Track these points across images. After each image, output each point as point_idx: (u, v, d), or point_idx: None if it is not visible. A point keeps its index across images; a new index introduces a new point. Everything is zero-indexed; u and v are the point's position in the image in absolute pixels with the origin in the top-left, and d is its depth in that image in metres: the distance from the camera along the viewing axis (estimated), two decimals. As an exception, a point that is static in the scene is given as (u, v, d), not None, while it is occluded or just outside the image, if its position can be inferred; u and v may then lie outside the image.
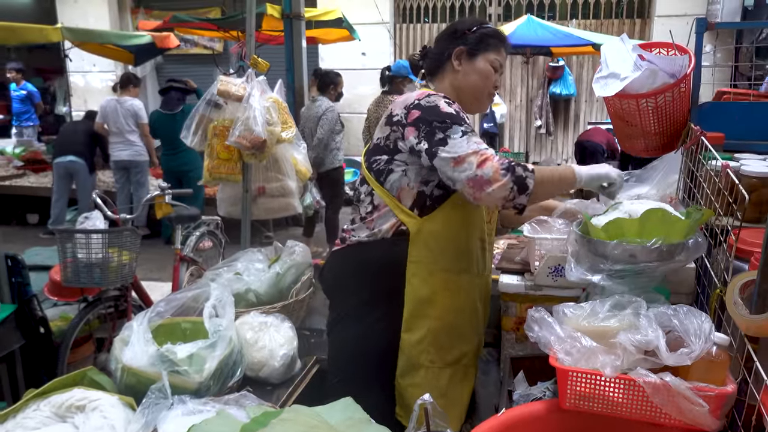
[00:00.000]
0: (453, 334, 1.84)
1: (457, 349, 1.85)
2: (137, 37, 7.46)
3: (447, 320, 1.82)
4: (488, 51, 1.84)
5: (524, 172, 1.63)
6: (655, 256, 1.46)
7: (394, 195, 1.77)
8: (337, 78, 5.85)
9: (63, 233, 2.96)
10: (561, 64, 9.43)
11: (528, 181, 1.62)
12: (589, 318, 1.41)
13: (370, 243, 1.81)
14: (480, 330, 1.95)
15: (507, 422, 1.41)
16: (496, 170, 1.61)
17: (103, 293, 3.16)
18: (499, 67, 1.87)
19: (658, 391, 1.25)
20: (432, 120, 1.69)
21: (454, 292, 1.82)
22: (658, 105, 1.89)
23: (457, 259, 1.81)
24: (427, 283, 1.79)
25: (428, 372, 1.82)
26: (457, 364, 1.86)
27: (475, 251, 1.86)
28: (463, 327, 1.86)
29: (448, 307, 1.81)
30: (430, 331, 1.80)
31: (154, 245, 6.47)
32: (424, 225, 1.76)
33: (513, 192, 1.61)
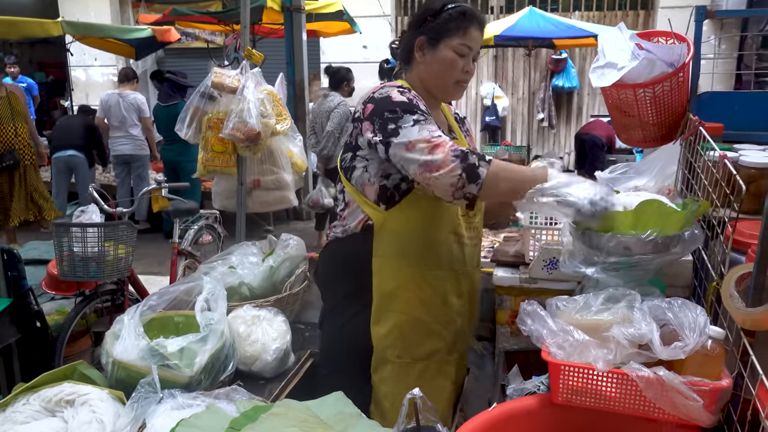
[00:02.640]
0: (420, 330, 1.80)
1: (426, 345, 1.81)
2: (138, 30, 7.45)
3: (413, 315, 1.78)
4: (451, 37, 1.73)
5: (478, 161, 1.55)
6: (650, 249, 1.43)
7: (360, 190, 1.75)
8: (349, 74, 5.83)
9: (59, 227, 2.95)
10: (564, 56, 9.38)
11: (480, 170, 1.53)
12: (581, 311, 1.39)
13: (343, 239, 1.80)
14: (457, 327, 1.88)
15: (498, 417, 1.39)
16: (446, 155, 1.54)
17: (100, 287, 3.16)
18: (468, 50, 1.75)
19: (652, 385, 1.23)
20: (384, 111, 1.65)
21: (419, 286, 1.78)
22: (656, 95, 1.86)
23: (423, 254, 1.77)
24: (392, 277, 1.76)
25: (395, 367, 1.80)
26: (428, 360, 1.82)
27: (446, 246, 1.80)
28: (431, 323, 1.81)
29: (413, 301, 1.78)
30: (396, 326, 1.78)
31: (155, 240, 6.47)
32: (389, 218, 1.73)
33: (462, 179, 1.53)
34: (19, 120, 5.48)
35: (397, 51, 1.88)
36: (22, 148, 5.48)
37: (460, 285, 1.86)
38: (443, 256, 1.80)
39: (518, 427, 1.39)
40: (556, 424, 1.40)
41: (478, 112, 10.27)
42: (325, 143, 5.60)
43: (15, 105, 5.42)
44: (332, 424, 1.47)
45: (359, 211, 1.77)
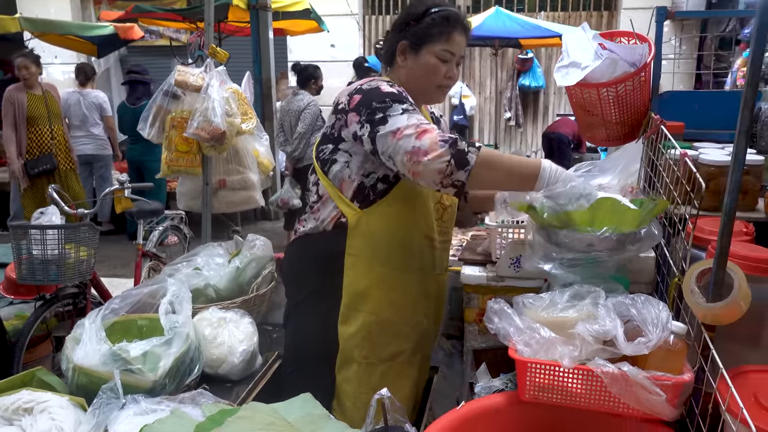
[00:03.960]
0: (388, 331, 1.79)
1: (392, 346, 1.81)
2: (99, 27, 7.28)
3: (382, 316, 1.78)
4: (434, 42, 1.72)
5: (467, 147, 1.52)
6: (606, 245, 1.46)
7: (337, 186, 1.74)
8: (317, 72, 5.79)
9: (17, 229, 2.86)
10: (530, 56, 9.50)
11: (469, 156, 1.50)
12: (548, 309, 1.40)
13: (314, 235, 1.79)
14: (423, 329, 1.88)
15: (466, 416, 1.39)
16: (434, 141, 1.51)
17: (61, 290, 3.07)
18: (450, 56, 1.74)
19: (616, 380, 1.24)
20: (372, 101, 1.63)
21: (390, 288, 1.77)
22: (618, 94, 1.89)
23: (396, 256, 1.76)
24: (363, 277, 1.75)
25: (360, 367, 1.79)
26: (392, 361, 1.81)
27: (419, 249, 1.80)
28: (399, 324, 1.80)
29: (383, 302, 1.77)
30: (365, 326, 1.77)
31: (119, 241, 6.35)
32: (363, 218, 1.72)
33: (450, 166, 1.49)
34: (56, 121, 5.29)
35: (381, 52, 1.87)
36: (59, 152, 5.28)
37: (428, 287, 1.86)
38: (415, 259, 1.79)
39: (486, 425, 1.39)
40: (523, 421, 1.40)
41: (446, 111, 10.31)
42: (297, 145, 5.55)
43: (51, 105, 5.23)
44: (300, 426, 1.45)
45: (333, 206, 1.75)
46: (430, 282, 1.87)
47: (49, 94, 5.28)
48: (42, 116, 5.19)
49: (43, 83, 5.43)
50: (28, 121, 5.25)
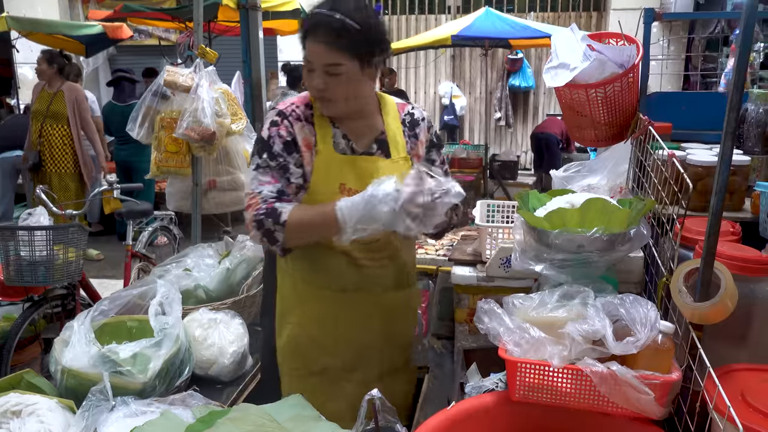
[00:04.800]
0: (313, 344, 1.77)
1: (321, 361, 1.77)
2: (87, 27, 7.21)
3: (306, 329, 1.77)
4: (304, 50, 1.60)
5: (274, 226, 1.53)
6: (597, 246, 1.47)
7: None
8: None
9: (4, 230, 2.84)
10: (520, 56, 9.53)
11: (276, 234, 1.54)
12: (537, 309, 1.40)
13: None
14: (360, 347, 1.78)
15: (456, 416, 1.39)
16: (250, 221, 1.57)
17: (49, 292, 3.05)
18: (309, 65, 1.58)
19: (605, 380, 1.25)
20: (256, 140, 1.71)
21: (311, 304, 1.76)
22: (607, 95, 1.90)
23: (312, 274, 1.73)
24: (289, 292, 1.78)
25: (291, 379, 1.81)
26: (322, 376, 1.77)
27: (335, 267, 1.71)
28: (323, 339, 1.76)
29: (305, 317, 1.76)
30: (292, 338, 1.78)
31: (108, 242, 6.31)
32: None
33: (265, 243, 1.58)
34: (52, 121, 5.21)
35: None
36: (47, 151, 5.22)
37: (358, 306, 1.75)
38: (332, 276, 1.72)
39: (477, 425, 1.40)
40: (514, 421, 1.41)
41: (436, 111, 10.33)
42: None
43: (55, 105, 5.17)
44: (290, 427, 1.45)
45: None
46: (362, 300, 1.75)
47: (60, 93, 5.24)
48: (40, 113, 5.17)
49: (66, 83, 5.37)
50: (32, 115, 5.30)
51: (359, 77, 1.58)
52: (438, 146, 1.82)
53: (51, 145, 5.26)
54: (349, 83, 1.57)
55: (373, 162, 1.67)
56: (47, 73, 5.26)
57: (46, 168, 5.28)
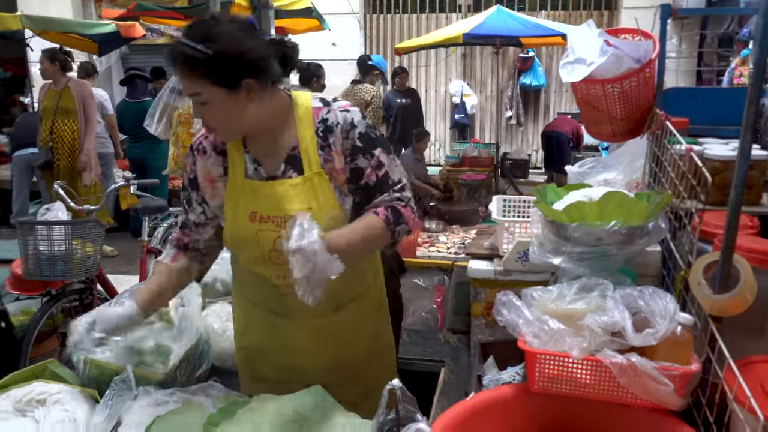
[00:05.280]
0: (256, 356, 1.78)
1: (260, 371, 1.78)
2: (100, 26, 7.27)
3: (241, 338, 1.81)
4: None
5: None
6: (615, 239, 1.47)
7: None
8: (319, 70, 5.79)
9: (24, 225, 2.88)
10: (531, 55, 9.51)
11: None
12: (556, 301, 1.41)
13: None
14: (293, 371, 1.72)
15: (475, 407, 1.41)
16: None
17: (67, 286, 3.09)
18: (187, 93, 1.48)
19: (625, 371, 1.26)
20: None
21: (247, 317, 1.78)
22: (623, 90, 1.90)
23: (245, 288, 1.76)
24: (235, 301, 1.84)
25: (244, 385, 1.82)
26: (265, 383, 1.74)
27: (261, 288, 1.67)
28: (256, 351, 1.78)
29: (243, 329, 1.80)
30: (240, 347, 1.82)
31: (122, 238, 6.35)
32: None
33: None
34: (62, 117, 5.25)
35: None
36: (59, 148, 5.25)
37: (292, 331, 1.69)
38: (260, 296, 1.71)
39: (495, 415, 1.41)
40: (532, 412, 1.42)
41: (447, 110, 10.33)
42: None
43: (64, 101, 5.20)
44: (311, 417, 1.47)
45: None
46: (294, 325, 1.69)
47: (68, 90, 5.26)
48: (49, 111, 5.20)
49: (72, 80, 5.41)
50: (41, 114, 5.32)
51: (232, 103, 1.44)
52: (365, 149, 1.54)
53: (63, 141, 5.29)
54: (222, 110, 1.44)
55: (281, 186, 1.54)
56: (50, 70, 5.29)
57: (60, 164, 5.32)
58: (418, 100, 7.73)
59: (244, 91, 1.43)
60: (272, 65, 1.47)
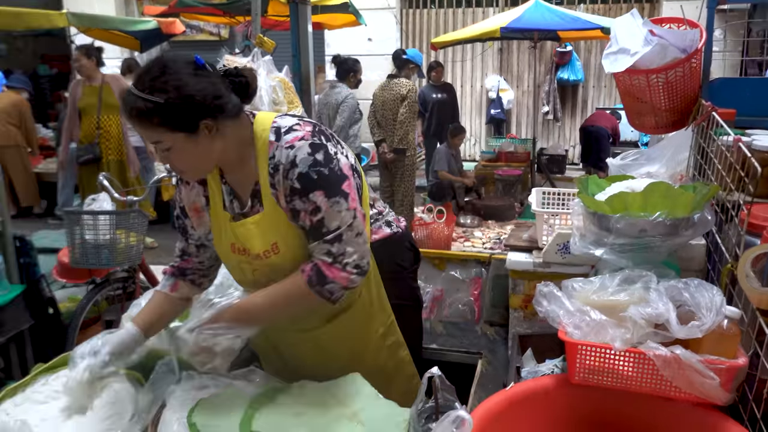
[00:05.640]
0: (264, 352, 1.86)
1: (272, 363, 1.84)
2: (143, 22, 7.42)
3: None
4: None
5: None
6: (660, 231, 1.45)
7: None
8: (357, 65, 5.81)
9: (71, 215, 2.97)
10: (569, 49, 9.37)
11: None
12: (598, 292, 1.40)
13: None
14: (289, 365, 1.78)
15: (515, 397, 1.40)
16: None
17: (111, 275, 3.18)
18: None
19: (669, 364, 1.24)
20: None
21: None
22: (668, 80, 1.87)
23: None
24: None
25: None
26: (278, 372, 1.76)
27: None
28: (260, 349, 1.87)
29: None
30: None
31: (161, 230, 6.48)
32: None
33: None
34: (107, 112, 5.33)
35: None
36: (106, 142, 5.34)
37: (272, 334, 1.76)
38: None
39: (535, 406, 1.41)
40: (572, 403, 1.41)
41: (483, 105, 10.26)
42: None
43: (105, 96, 5.26)
44: (349, 404, 1.49)
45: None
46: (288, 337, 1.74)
47: (106, 86, 5.33)
48: (92, 107, 5.28)
49: (107, 75, 5.48)
50: (81, 111, 5.34)
51: (193, 145, 1.42)
52: (302, 192, 1.44)
53: (110, 136, 5.39)
54: (185, 153, 1.44)
55: (246, 224, 1.55)
56: (87, 66, 5.35)
57: (108, 158, 5.42)
58: (454, 95, 7.69)
59: (204, 131, 1.42)
60: (228, 100, 1.44)
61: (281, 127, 1.48)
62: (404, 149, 5.76)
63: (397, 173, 5.89)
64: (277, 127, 1.48)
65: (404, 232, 1.79)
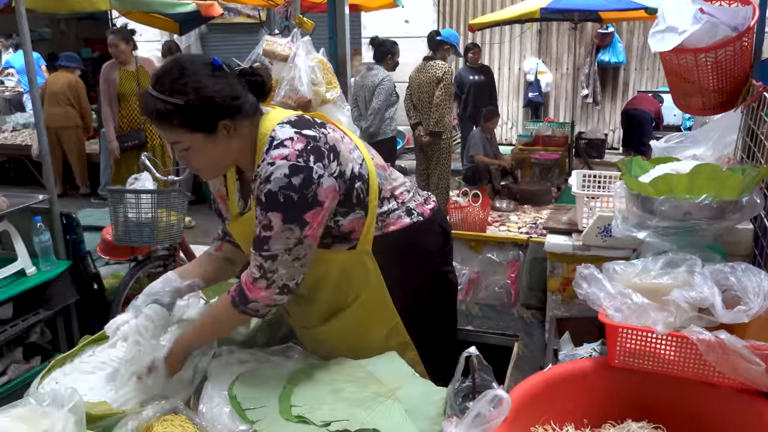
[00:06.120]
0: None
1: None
2: (182, 5, 7.49)
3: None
4: None
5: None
6: (706, 213, 1.41)
7: None
8: (395, 47, 5.78)
9: (115, 193, 3.05)
10: (610, 30, 9.12)
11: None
12: (640, 275, 1.38)
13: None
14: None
15: (552, 378, 1.39)
16: None
17: (153, 252, 3.26)
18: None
19: (713, 349, 1.22)
20: None
21: None
22: (717, 60, 1.81)
23: None
24: None
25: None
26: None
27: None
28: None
29: None
30: None
31: (198, 210, 6.60)
32: None
33: None
34: None
35: None
36: (151, 127, 5.27)
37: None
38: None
39: (573, 388, 1.40)
40: (611, 386, 1.39)
41: (520, 88, 10.11)
42: (372, 120, 5.60)
43: (143, 80, 5.26)
44: (386, 382, 1.50)
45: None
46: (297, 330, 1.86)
47: (142, 69, 5.34)
48: (132, 92, 5.28)
49: (139, 58, 5.49)
50: (120, 97, 5.35)
51: (212, 145, 1.47)
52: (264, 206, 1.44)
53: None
54: (201, 154, 1.49)
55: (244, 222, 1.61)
56: (126, 51, 5.33)
57: (152, 143, 5.43)
58: (491, 77, 7.59)
59: (223, 131, 1.45)
60: (245, 99, 1.47)
61: (275, 138, 1.45)
62: (440, 132, 5.72)
63: (433, 156, 5.86)
64: (273, 137, 1.46)
65: (430, 217, 1.75)
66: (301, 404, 1.42)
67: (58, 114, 7.16)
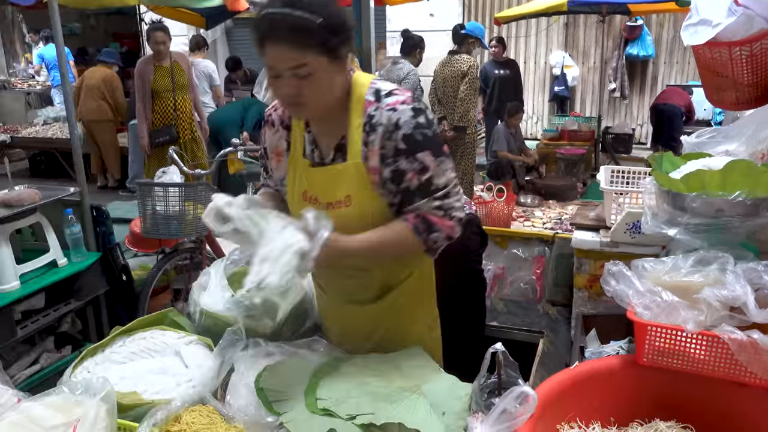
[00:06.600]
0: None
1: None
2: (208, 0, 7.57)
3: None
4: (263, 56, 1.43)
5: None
6: (739, 211, 1.39)
7: None
8: (422, 42, 5.77)
9: (143, 186, 3.10)
10: (639, 23, 8.96)
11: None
12: (670, 273, 1.36)
13: None
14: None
15: (579, 376, 1.39)
16: None
17: (180, 245, 3.30)
18: (273, 71, 1.41)
19: (744, 348, 1.20)
20: None
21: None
22: (753, 53, 1.77)
23: None
24: None
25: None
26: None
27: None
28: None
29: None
30: None
31: (224, 204, 6.65)
32: None
33: None
34: (180, 92, 5.31)
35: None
36: (181, 123, 5.35)
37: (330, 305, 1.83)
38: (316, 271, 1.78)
39: (600, 386, 1.39)
40: (639, 385, 1.38)
41: (546, 82, 10.00)
42: None
43: (177, 76, 5.26)
44: (411, 376, 1.50)
45: None
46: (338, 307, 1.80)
47: (176, 64, 5.31)
48: (166, 89, 5.25)
49: (173, 53, 5.45)
50: (154, 93, 5.31)
51: (330, 73, 1.41)
52: (408, 152, 1.44)
53: (185, 116, 5.35)
54: (320, 83, 1.40)
55: (326, 172, 1.55)
56: (167, 46, 5.29)
57: (183, 138, 5.39)
58: (517, 71, 7.52)
59: (341, 60, 1.41)
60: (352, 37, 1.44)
61: (381, 89, 1.47)
62: (465, 127, 5.69)
63: (458, 151, 5.84)
64: (377, 89, 1.47)
65: (473, 217, 1.77)
66: (326, 397, 1.43)
67: (91, 108, 7.29)
